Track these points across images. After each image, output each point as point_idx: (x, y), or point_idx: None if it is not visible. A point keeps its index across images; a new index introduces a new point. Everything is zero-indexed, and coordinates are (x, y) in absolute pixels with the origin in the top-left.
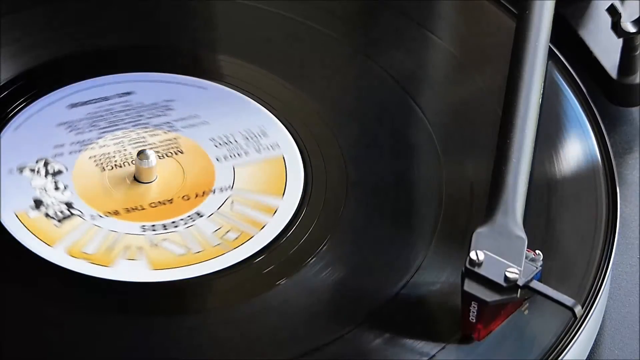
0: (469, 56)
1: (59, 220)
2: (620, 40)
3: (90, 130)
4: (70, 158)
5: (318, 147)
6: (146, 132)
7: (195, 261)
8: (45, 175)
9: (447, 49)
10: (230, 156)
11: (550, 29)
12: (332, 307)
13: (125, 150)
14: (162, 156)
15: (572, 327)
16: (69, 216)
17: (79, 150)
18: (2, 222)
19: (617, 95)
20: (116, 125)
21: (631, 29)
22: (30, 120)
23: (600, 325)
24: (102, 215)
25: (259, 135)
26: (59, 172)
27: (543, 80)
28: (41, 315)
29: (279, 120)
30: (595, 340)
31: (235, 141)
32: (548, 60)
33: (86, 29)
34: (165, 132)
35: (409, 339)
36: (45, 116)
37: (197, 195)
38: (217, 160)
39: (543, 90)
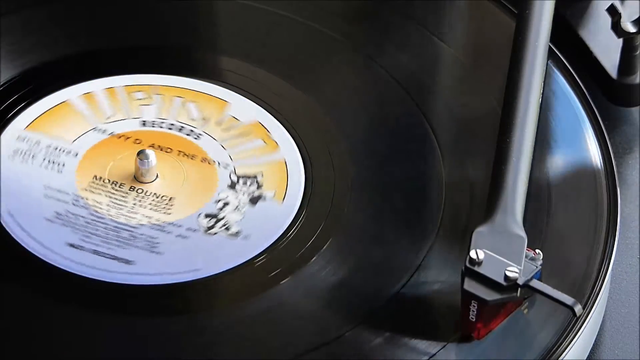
0: (469, 56)
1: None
2: (620, 40)
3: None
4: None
5: (318, 147)
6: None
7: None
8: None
9: (448, 49)
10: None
11: (550, 29)
12: (332, 307)
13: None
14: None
15: (572, 327)
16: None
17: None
18: (3, 222)
19: (617, 95)
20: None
21: (631, 29)
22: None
23: (600, 325)
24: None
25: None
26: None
27: (543, 80)
28: (41, 315)
29: (279, 121)
30: (595, 340)
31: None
32: (548, 60)
33: (86, 29)
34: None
35: (409, 339)
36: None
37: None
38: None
39: (543, 90)
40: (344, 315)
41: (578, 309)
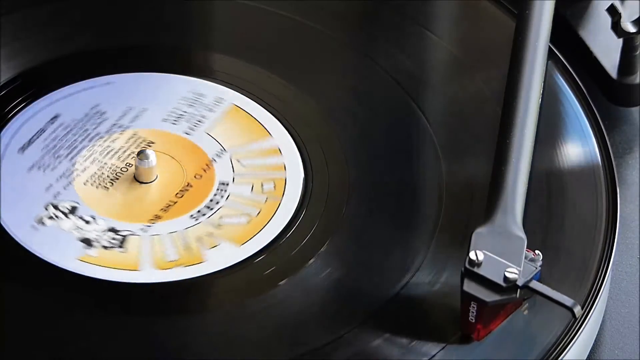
0: (469, 56)
1: (120, 246)
2: (620, 40)
3: (60, 162)
4: (69, 192)
5: (318, 147)
6: (105, 140)
7: (261, 224)
8: (67, 216)
9: (448, 49)
10: (194, 126)
11: (550, 29)
12: (332, 307)
13: (106, 164)
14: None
15: (572, 327)
16: (124, 238)
17: (69, 183)
18: (2, 222)
19: (617, 95)
20: (75, 146)
21: (631, 29)
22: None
23: (600, 325)
24: (149, 224)
25: (198, 96)
26: (74, 208)
27: (543, 80)
28: (45, 317)
29: (279, 120)
30: (595, 340)
31: (185, 112)
32: (548, 60)
33: (86, 29)
34: (120, 134)
35: (409, 339)
36: (12, 166)
37: (205, 170)
38: (187, 134)
39: (543, 90)
40: (344, 316)
41: (577, 310)
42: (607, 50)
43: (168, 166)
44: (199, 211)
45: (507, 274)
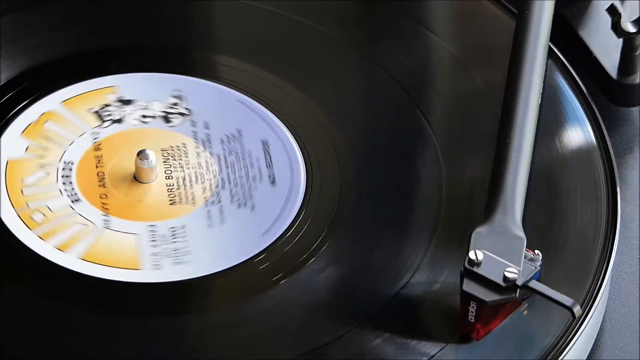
0: (469, 56)
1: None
2: (620, 40)
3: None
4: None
5: (318, 147)
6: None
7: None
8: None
9: (448, 48)
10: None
11: (550, 29)
12: (332, 307)
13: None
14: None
15: (572, 327)
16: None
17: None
18: (2, 219)
19: (617, 95)
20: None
21: (631, 29)
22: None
23: (600, 325)
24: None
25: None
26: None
27: (543, 80)
28: (42, 315)
29: (280, 120)
30: (595, 340)
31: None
32: (548, 60)
33: (86, 29)
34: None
35: (408, 339)
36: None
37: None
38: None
39: (543, 90)
40: (344, 316)
41: (577, 310)
42: (607, 50)
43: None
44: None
45: (507, 274)
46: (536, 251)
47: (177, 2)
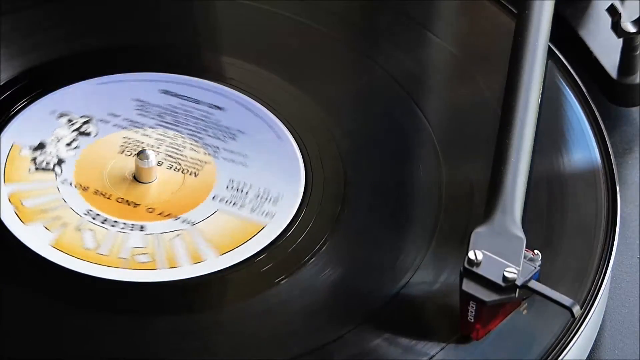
0: (469, 56)
1: (36, 169)
2: (620, 40)
3: (152, 118)
4: (109, 128)
5: (318, 147)
6: (191, 144)
7: (95, 260)
8: (73, 131)
9: (448, 49)
10: (228, 202)
11: (550, 29)
12: (332, 307)
13: (158, 148)
14: (177, 169)
15: (572, 327)
16: (47, 169)
17: (123, 127)
18: (2, 218)
19: (617, 95)
20: (176, 125)
21: (631, 29)
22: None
23: (600, 325)
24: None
25: (269, 199)
26: (87, 133)
27: (543, 80)
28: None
29: (279, 120)
30: (595, 340)
31: (246, 193)
32: (548, 60)
33: (86, 28)
34: (205, 154)
35: (408, 339)
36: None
37: (160, 214)
38: (212, 199)
39: (543, 90)
40: (344, 316)
41: (576, 310)
42: (607, 50)
43: (169, 187)
44: (98, 214)
45: (506, 274)
46: (536, 251)
47: (177, 2)
